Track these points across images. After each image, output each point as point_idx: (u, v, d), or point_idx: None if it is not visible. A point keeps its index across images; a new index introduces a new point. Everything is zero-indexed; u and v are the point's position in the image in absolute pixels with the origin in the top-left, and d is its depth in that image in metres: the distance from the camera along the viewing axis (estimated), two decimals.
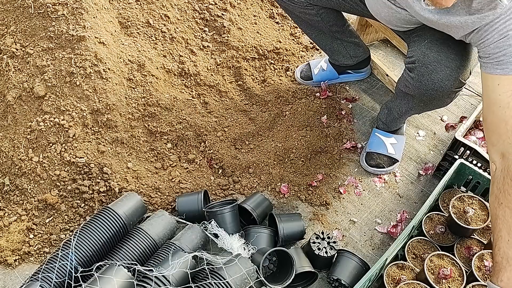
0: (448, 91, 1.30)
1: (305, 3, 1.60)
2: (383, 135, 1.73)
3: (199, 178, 1.66)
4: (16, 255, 1.44)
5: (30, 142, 1.55)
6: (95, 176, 1.53)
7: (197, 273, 1.27)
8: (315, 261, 1.41)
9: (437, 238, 1.40)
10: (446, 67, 1.24)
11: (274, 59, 2.06)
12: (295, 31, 2.20)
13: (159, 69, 1.82)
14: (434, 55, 1.25)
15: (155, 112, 1.71)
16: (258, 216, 1.48)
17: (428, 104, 1.42)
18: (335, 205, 1.63)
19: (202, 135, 1.73)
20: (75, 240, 1.29)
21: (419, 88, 1.33)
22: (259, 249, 1.40)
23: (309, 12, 1.64)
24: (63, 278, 1.24)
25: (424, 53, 1.27)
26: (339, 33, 1.76)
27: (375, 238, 1.56)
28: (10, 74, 1.60)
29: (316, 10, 1.64)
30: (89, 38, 1.62)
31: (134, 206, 1.44)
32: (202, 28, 2.01)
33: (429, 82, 1.28)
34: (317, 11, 1.64)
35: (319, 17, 1.66)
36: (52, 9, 1.60)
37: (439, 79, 1.26)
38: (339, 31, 1.75)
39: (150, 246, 1.36)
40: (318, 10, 1.64)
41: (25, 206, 1.51)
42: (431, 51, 1.25)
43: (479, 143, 1.64)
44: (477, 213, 1.36)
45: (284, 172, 1.70)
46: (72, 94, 1.58)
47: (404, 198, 1.66)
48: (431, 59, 1.25)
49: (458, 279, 1.25)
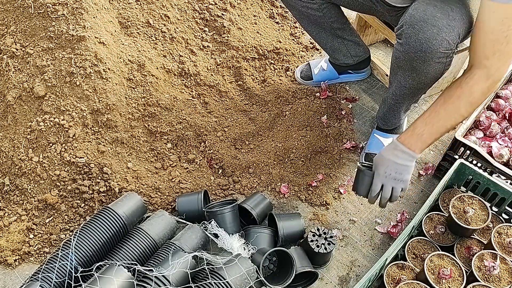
0: (436, 51, 1.29)
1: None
2: (382, 136, 1.73)
3: (199, 178, 1.66)
4: (16, 255, 1.44)
5: (30, 142, 1.55)
6: (95, 176, 1.53)
7: (197, 273, 1.27)
8: (314, 258, 1.41)
9: (437, 238, 1.40)
10: (433, 26, 1.25)
11: (274, 59, 2.06)
12: (295, 31, 2.20)
13: (159, 69, 1.82)
14: (420, 14, 1.26)
15: (155, 112, 1.71)
16: (258, 216, 1.48)
17: (419, 72, 1.38)
18: (335, 205, 1.63)
19: (202, 135, 1.73)
20: (75, 240, 1.29)
21: (408, 52, 1.32)
22: (259, 249, 1.40)
23: (311, 7, 1.66)
24: (63, 278, 1.24)
25: (410, 14, 1.28)
26: (340, 31, 1.76)
27: (375, 238, 1.56)
28: (10, 74, 1.60)
29: (318, 5, 1.65)
30: (89, 38, 1.62)
31: (134, 206, 1.44)
32: (202, 28, 2.01)
33: (416, 43, 1.28)
34: (319, 6, 1.65)
35: (321, 12, 1.67)
36: (52, 9, 1.60)
37: (426, 38, 1.27)
38: (340, 28, 1.75)
39: (150, 246, 1.36)
40: (320, 5, 1.65)
41: (25, 206, 1.51)
42: (417, 11, 1.27)
43: (479, 143, 1.63)
44: (477, 213, 1.36)
45: (284, 172, 1.70)
46: (72, 94, 1.58)
47: (404, 198, 1.66)
48: (417, 19, 1.26)
49: (458, 279, 1.25)
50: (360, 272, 1.47)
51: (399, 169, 1.33)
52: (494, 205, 1.48)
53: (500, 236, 1.33)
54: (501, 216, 1.47)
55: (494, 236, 1.33)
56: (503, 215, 1.47)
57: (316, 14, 1.68)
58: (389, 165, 1.33)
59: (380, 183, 1.36)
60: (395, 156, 1.32)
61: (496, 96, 1.81)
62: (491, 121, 1.70)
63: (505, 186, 1.41)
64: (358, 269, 1.48)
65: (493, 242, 1.31)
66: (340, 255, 1.51)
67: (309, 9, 1.67)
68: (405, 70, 1.42)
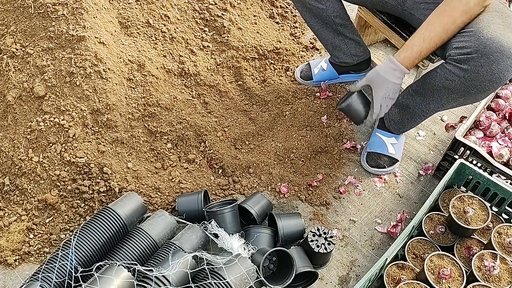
0: (503, 82, 1.27)
1: None
2: (384, 135, 1.73)
3: (199, 178, 1.66)
4: (16, 255, 1.44)
5: (30, 142, 1.55)
6: (95, 176, 1.53)
7: (197, 273, 1.27)
8: (314, 258, 1.41)
9: (437, 238, 1.40)
10: (508, 57, 1.21)
11: (274, 59, 2.06)
12: (295, 31, 2.20)
13: (159, 69, 1.82)
14: (496, 45, 1.21)
15: (155, 112, 1.71)
16: (258, 216, 1.48)
17: (471, 98, 1.36)
18: (335, 205, 1.63)
19: (202, 135, 1.73)
20: (75, 240, 1.29)
21: (473, 79, 1.27)
22: (259, 249, 1.40)
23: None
24: (63, 278, 1.24)
25: (484, 44, 1.22)
26: (342, 27, 1.76)
27: (375, 238, 1.56)
28: (10, 74, 1.60)
29: None
30: (89, 38, 1.62)
31: (134, 206, 1.44)
32: (202, 28, 2.01)
33: (488, 73, 1.24)
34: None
35: (324, 5, 1.68)
36: (52, 9, 1.60)
37: (500, 70, 1.22)
38: (342, 24, 1.75)
39: (150, 246, 1.36)
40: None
41: (25, 206, 1.51)
42: (493, 41, 1.21)
43: (479, 143, 1.63)
44: (477, 213, 1.36)
45: (284, 172, 1.70)
46: (72, 94, 1.58)
47: (404, 198, 1.66)
48: (494, 50, 1.21)
49: (458, 279, 1.25)
50: (360, 272, 1.47)
51: (396, 89, 1.39)
52: (494, 205, 1.48)
53: (500, 236, 1.34)
54: (501, 216, 1.47)
55: (494, 236, 1.33)
56: (503, 215, 1.47)
57: (319, 7, 1.69)
58: (389, 86, 1.37)
59: (380, 104, 1.41)
60: (395, 77, 1.35)
61: (496, 96, 1.81)
62: (491, 121, 1.70)
63: (505, 186, 1.41)
64: (358, 269, 1.48)
65: (493, 242, 1.32)
66: (340, 255, 1.51)
67: (313, 1, 1.67)
68: (454, 93, 1.36)
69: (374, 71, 1.40)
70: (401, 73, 1.36)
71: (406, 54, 1.33)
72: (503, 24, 1.27)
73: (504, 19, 1.30)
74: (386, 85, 1.38)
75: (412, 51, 1.33)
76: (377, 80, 1.39)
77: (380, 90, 1.40)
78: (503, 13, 1.32)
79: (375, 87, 1.41)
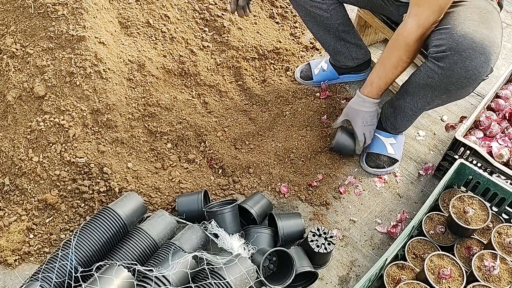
0: (480, 79, 1.29)
1: None
2: (382, 136, 1.73)
3: (199, 178, 1.66)
4: (16, 255, 1.44)
5: (30, 142, 1.55)
6: (95, 176, 1.53)
7: (197, 273, 1.27)
8: (314, 258, 1.41)
9: (437, 238, 1.40)
10: (481, 54, 1.23)
11: (274, 59, 2.06)
12: (295, 31, 2.20)
13: (159, 69, 1.82)
14: (468, 42, 1.23)
15: (155, 112, 1.71)
16: (258, 216, 1.48)
17: (453, 95, 1.40)
18: (335, 205, 1.63)
19: (202, 135, 1.73)
20: (75, 240, 1.29)
21: (450, 77, 1.31)
22: (259, 249, 1.40)
23: (321, 7, 1.67)
24: (63, 278, 1.24)
25: (457, 41, 1.25)
26: (344, 33, 1.77)
27: (375, 238, 1.56)
28: (10, 74, 1.60)
29: (327, 5, 1.66)
30: (89, 38, 1.62)
31: (134, 206, 1.44)
32: (202, 28, 2.01)
33: (462, 70, 1.26)
34: (328, 6, 1.67)
35: (329, 13, 1.68)
36: (52, 9, 1.60)
37: (474, 66, 1.25)
38: (344, 31, 1.76)
39: (150, 246, 1.36)
40: (329, 6, 1.66)
41: (25, 206, 1.51)
42: (465, 38, 1.24)
43: (479, 143, 1.63)
44: (477, 213, 1.36)
45: (284, 172, 1.70)
46: (72, 94, 1.58)
47: (404, 198, 1.66)
48: (466, 46, 1.23)
49: (458, 279, 1.25)
50: (360, 272, 1.47)
51: (371, 115, 1.61)
52: (494, 205, 1.48)
53: (500, 236, 1.34)
54: (501, 216, 1.47)
55: (494, 236, 1.33)
56: (503, 215, 1.47)
57: (324, 15, 1.69)
58: (363, 115, 1.60)
59: (362, 132, 1.63)
60: (365, 107, 1.58)
61: (496, 96, 1.81)
62: (491, 121, 1.70)
63: (505, 186, 1.41)
64: (358, 269, 1.48)
65: (493, 242, 1.31)
66: (340, 255, 1.51)
67: (318, 9, 1.67)
68: (436, 90, 1.41)
69: (348, 106, 1.62)
70: (370, 103, 1.57)
71: (368, 89, 1.55)
72: (479, 20, 1.29)
73: (482, 15, 1.31)
74: (361, 115, 1.60)
75: (372, 87, 1.54)
76: (352, 113, 1.62)
77: (357, 120, 1.61)
78: (482, 9, 1.34)
79: (352, 119, 1.63)
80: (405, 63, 1.45)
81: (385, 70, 1.50)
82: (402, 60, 1.44)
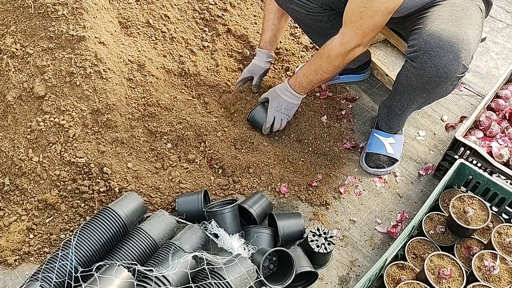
0: (452, 76, 1.30)
1: (318, 8, 1.62)
2: (382, 136, 1.73)
3: (199, 178, 1.66)
4: (16, 255, 1.44)
5: (30, 142, 1.55)
6: (95, 176, 1.53)
7: (197, 273, 1.27)
8: (314, 258, 1.41)
9: (437, 238, 1.40)
10: (449, 51, 1.25)
11: (274, 59, 2.06)
12: (295, 31, 2.20)
13: (159, 69, 1.82)
14: (435, 41, 1.26)
15: (155, 112, 1.71)
16: (258, 216, 1.48)
17: (431, 93, 1.42)
18: (335, 205, 1.63)
19: (202, 135, 1.73)
20: (75, 240, 1.29)
21: (423, 76, 1.33)
22: (259, 249, 1.40)
23: (320, 19, 1.66)
24: (63, 278, 1.24)
25: (425, 40, 1.28)
26: None
27: (375, 238, 1.56)
28: (10, 74, 1.60)
29: (327, 17, 1.65)
30: (89, 38, 1.62)
31: (134, 206, 1.44)
32: (202, 28, 2.01)
33: (432, 69, 1.29)
34: (328, 18, 1.66)
35: (329, 24, 1.67)
36: (52, 9, 1.60)
37: (443, 64, 1.27)
38: None
39: (150, 246, 1.36)
40: (329, 17, 1.66)
41: (25, 206, 1.51)
42: (432, 37, 1.27)
43: (479, 143, 1.63)
44: (477, 213, 1.36)
45: (284, 172, 1.70)
46: (72, 94, 1.58)
47: (404, 198, 1.66)
48: (433, 45, 1.26)
49: (458, 279, 1.25)
50: (360, 272, 1.47)
51: (288, 105, 1.69)
52: (494, 205, 1.48)
53: (500, 236, 1.34)
54: (501, 216, 1.47)
55: (494, 236, 1.33)
56: (503, 215, 1.47)
57: (325, 26, 1.69)
58: (280, 101, 1.69)
59: (272, 116, 1.71)
60: (285, 95, 1.67)
61: (496, 96, 1.81)
62: (491, 121, 1.70)
63: (505, 186, 1.41)
64: (358, 269, 1.48)
65: (493, 242, 1.32)
66: (340, 255, 1.51)
67: (318, 22, 1.67)
68: (416, 89, 1.44)
69: (273, 89, 1.71)
70: (290, 93, 1.66)
71: (293, 80, 1.65)
72: (449, 18, 1.30)
73: (455, 13, 1.33)
74: (278, 100, 1.68)
75: (296, 80, 1.64)
76: (273, 95, 1.70)
77: (273, 103, 1.70)
78: (457, 6, 1.35)
79: (270, 100, 1.71)
80: (325, 73, 1.53)
81: (309, 70, 1.58)
82: (322, 68, 1.53)
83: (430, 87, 1.37)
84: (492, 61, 2.17)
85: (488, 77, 2.07)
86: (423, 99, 1.49)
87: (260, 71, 1.87)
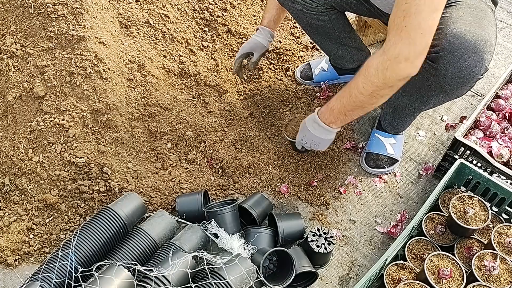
0: (474, 78, 1.28)
1: (320, 8, 1.61)
2: (382, 136, 1.73)
3: (199, 178, 1.66)
4: (16, 255, 1.44)
5: (30, 142, 1.55)
6: (95, 176, 1.53)
7: (197, 273, 1.27)
8: (314, 258, 1.41)
9: (437, 238, 1.40)
10: (474, 53, 1.23)
11: (274, 59, 2.06)
12: (295, 31, 2.20)
13: (159, 69, 1.82)
14: (461, 42, 1.23)
15: (155, 112, 1.71)
16: (258, 216, 1.48)
17: (448, 94, 1.39)
18: (335, 205, 1.63)
19: (202, 135, 1.73)
20: (75, 240, 1.29)
21: (444, 77, 1.30)
22: (259, 249, 1.40)
23: (322, 19, 1.65)
24: (63, 278, 1.24)
25: (449, 41, 1.24)
26: (346, 39, 1.77)
27: (375, 238, 1.56)
28: (10, 74, 1.60)
29: (328, 16, 1.65)
30: (89, 38, 1.62)
31: (134, 206, 1.44)
32: (202, 28, 2.01)
33: (456, 70, 1.26)
34: (329, 17, 1.65)
35: (330, 23, 1.67)
36: (52, 9, 1.60)
37: (467, 66, 1.24)
38: (346, 37, 1.76)
39: (150, 246, 1.36)
40: (330, 16, 1.65)
41: (25, 206, 1.51)
42: (457, 38, 1.23)
43: (479, 143, 1.63)
44: (477, 213, 1.36)
45: (284, 172, 1.70)
46: (72, 94, 1.58)
47: (404, 198, 1.66)
48: (458, 46, 1.23)
49: (458, 279, 1.25)
50: (360, 272, 1.47)
51: (315, 140, 1.48)
52: (494, 205, 1.48)
53: (500, 236, 1.34)
54: (501, 216, 1.47)
55: (494, 236, 1.33)
56: (503, 215, 1.47)
57: (326, 25, 1.68)
58: (306, 134, 1.49)
59: (300, 146, 1.58)
60: (313, 128, 1.46)
61: (496, 96, 1.81)
62: (491, 121, 1.70)
63: (505, 186, 1.41)
64: (358, 269, 1.48)
65: (493, 242, 1.31)
66: (340, 255, 1.51)
67: (319, 21, 1.66)
68: (431, 90, 1.40)
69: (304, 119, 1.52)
70: (319, 127, 1.44)
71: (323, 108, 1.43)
72: (471, 19, 1.28)
73: (475, 14, 1.30)
74: (304, 132, 1.50)
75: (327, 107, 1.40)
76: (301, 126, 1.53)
77: (299, 134, 1.54)
78: (475, 8, 1.33)
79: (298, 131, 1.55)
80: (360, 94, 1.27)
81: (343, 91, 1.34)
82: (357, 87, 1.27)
83: (450, 88, 1.34)
84: (492, 61, 2.16)
85: (488, 77, 2.07)
86: (438, 100, 1.45)
87: (262, 49, 1.78)
